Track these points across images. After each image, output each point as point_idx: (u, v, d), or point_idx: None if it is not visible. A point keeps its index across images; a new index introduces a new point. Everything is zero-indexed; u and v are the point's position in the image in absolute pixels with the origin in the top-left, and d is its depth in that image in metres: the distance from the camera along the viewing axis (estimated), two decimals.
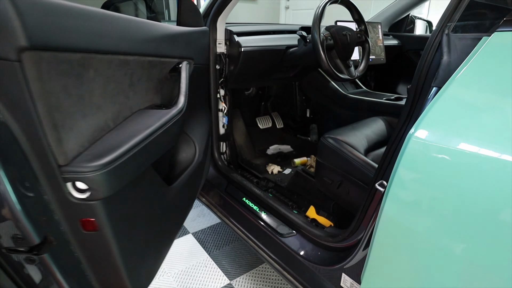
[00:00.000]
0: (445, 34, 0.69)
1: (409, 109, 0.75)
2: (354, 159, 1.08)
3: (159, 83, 0.91)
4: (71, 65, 0.59)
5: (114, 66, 0.71)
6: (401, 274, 0.71)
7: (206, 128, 1.28)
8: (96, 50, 0.65)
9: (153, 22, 0.86)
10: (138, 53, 0.78)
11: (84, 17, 0.61)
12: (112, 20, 0.69)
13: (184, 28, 1.03)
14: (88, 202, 0.65)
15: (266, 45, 1.44)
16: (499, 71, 0.59)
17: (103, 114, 0.70)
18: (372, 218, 0.82)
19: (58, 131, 0.59)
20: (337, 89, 1.87)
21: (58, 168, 0.61)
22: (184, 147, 1.15)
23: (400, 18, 2.37)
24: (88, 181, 0.62)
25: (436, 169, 0.59)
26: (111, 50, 0.69)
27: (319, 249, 1.11)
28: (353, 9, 1.35)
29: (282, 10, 5.09)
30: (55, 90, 0.57)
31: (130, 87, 0.78)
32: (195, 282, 1.44)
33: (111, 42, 0.69)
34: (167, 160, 1.08)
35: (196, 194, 1.28)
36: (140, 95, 0.83)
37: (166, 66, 0.93)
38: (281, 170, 1.73)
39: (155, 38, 0.84)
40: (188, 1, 1.09)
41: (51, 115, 0.57)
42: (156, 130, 0.76)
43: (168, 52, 0.92)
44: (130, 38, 0.75)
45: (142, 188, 0.82)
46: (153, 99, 0.90)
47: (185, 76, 0.94)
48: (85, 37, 0.61)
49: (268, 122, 2.13)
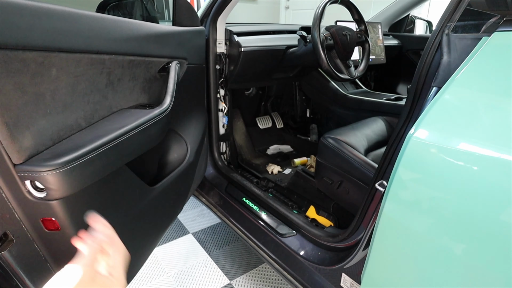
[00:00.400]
0: (445, 34, 0.69)
1: (409, 109, 0.75)
2: (354, 159, 1.08)
3: (146, 82, 0.90)
4: (25, 63, 0.58)
5: (84, 65, 0.69)
6: (401, 274, 0.71)
7: (200, 128, 1.27)
8: (59, 48, 0.63)
9: (136, 21, 0.85)
10: (114, 52, 0.77)
11: (41, 16, 0.60)
12: (80, 18, 0.68)
13: (176, 27, 1.02)
14: (47, 201, 0.64)
15: (266, 45, 1.44)
16: (499, 71, 0.59)
17: (72, 113, 0.69)
18: (372, 218, 0.82)
19: (10, 129, 0.57)
20: (337, 89, 1.87)
21: (13, 166, 0.60)
22: (176, 147, 1.14)
23: (400, 18, 2.37)
24: (44, 180, 0.61)
25: (436, 169, 0.59)
26: (79, 49, 0.68)
27: (319, 249, 1.11)
28: (353, 9, 1.35)
29: (282, 10, 5.09)
30: (5, 88, 0.56)
31: (107, 86, 0.77)
32: (195, 282, 1.44)
33: (78, 41, 0.67)
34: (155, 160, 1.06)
35: (187, 196, 1.26)
36: (121, 94, 0.82)
37: (154, 66, 0.92)
38: (281, 170, 1.73)
39: (138, 37, 0.83)
40: (183, 1, 1.09)
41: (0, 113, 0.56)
42: (131, 130, 0.75)
43: (154, 51, 0.91)
44: (104, 36, 0.74)
45: (115, 188, 0.81)
46: (139, 99, 0.89)
47: (173, 76, 0.94)
48: (42, 35, 0.60)
49: (268, 122, 2.12)
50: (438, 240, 0.60)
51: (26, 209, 0.66)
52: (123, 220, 0.86)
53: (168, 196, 1.08)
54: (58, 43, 0.63)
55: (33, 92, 0.61)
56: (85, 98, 0.72)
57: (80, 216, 0.71)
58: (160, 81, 0.96)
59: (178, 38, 1.02)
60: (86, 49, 0.69)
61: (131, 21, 0.84)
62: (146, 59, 0.88)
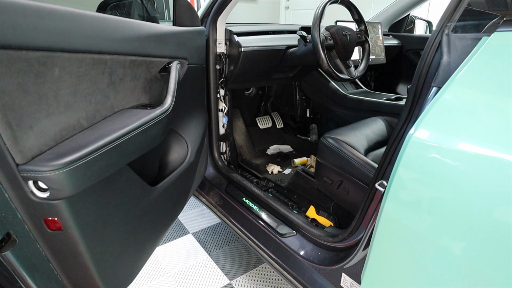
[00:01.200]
0: (445, 34, 0.69)
1: (409, 109, 0.75)
2: (354, 159, 1.08)
3: (147, 82, 0.90)
4: (29, 64, 0.58)
5: (86, 65, 0.70)
6: (401, 274, 0.71)
7: (201, 128, 1.27)
8: (62, 48, 0.64)
9: (137, 21, 0.85)
10: (116, 52, 0.77)
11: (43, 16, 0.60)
12: (82, 18, 0.68)
13: (176, 28, 1.02)
14: (50, 201, 0.64)
15: (266, 45, 1.44)
16: (499, 71, 0.59)
17: (74, 113, 0.69)
18: (372, 218, 0.82)
19: (12, 129, 0.58)
20: (337, 89, 1.87)
21: (16, 166, 0.60)
22: (176, 147, 1.14)
23: (400, 18, 2.38)
24: (47, 180, 0.61)
25: (436, 169, 0.59)
26: (81, 49, 0.68)
27: (319, 249, 1.11)
28: (353, 9, 1.35)
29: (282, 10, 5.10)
30: (8, 88, 0.56)
31: (109, 86, 0.77)
32: (195, 282, 1.44)
33: (81, 41, 0.67)
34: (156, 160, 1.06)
35: (187, 195, 1.26)
36: (123, 94, 0.82)
37: (154, 66, 0.92)
38: (281, 170, 1.73)
39: (139, 37, 0.84)
40: (184, 1, 1.09)
41: (3, 113, 0.56)
42: (133, 130, 0.75)
43: (155, 51, 0.91)
44: (106, 36, 0.74)
45: (117, 188, 0.81)
46: (140, 99, 0.89)
47: (174, 76, 0.94)
48: (45, 35, 0.60)
49: (268, 122, 2.13)
50: (438, 240, 0.60)
51: (29, 209, 0.66)
52: (125, 220, 0.87)
53: (169, 196, 1.08)
54: (61, 43, 0.63)
55: (36, 92, 0.61)
56: (87, 98, 0.72)
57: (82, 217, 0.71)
58: (161, 81, 0.96)
59: (179, 38, 1.02)
60: (88, 49, 0.69)
61: (133, 21, 0.84)
62: (147, 59, 0.89)
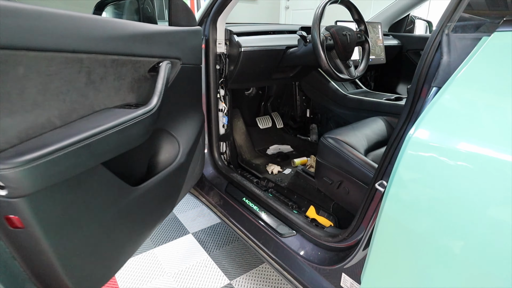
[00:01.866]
0: (445, 34, 0.69)
1: (409, 109, 0.75)
2: (354, 159, 1.08)
3: (135, 82, 0.90)
4: None
5: (58, 64, 0.69)
6: (401, 274, 0.71)
7: (196, 128, 1.26)
8: (26, 47, 0.63)
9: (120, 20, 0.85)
10: (93, 51, 0.76)
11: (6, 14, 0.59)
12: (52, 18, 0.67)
13: (167, 27, 1.01)
14: (9, 199, 0.63)
15: (266, 45, 1.44)
16: (499, 71, 0.59)
17: (43, 111, 0.69)
18: (372, 218, 0.82)
19: None
20: (337, 89, 1.87)
21: None
22: (168, 147, 1.13)
23: (400, 18, 2.38)
24: (4, 178, 0.60)
25: (436, 169, 0.59)
26: (50, 48, 0.67)
27: (319, 249, 1.11)
28: (353, 9, 1.35)
29: (282, 10, 5.10)
30: None
31: (88, 85, 0.77)
32: (195, 282, 1.44)
33: (49, 40, 0.67)
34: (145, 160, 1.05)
35: (177, 197, 1.25)
36: (105, 93, 0.82)
37: (142, 66, 0.91)
38: (281, 170, 1.73)
39: (122, 36, 0.83)
40: (179, 1, 1.09)
41: None
42: (108, 129, 0.74)
43: (142, 51, 0.90)
44: (81, 35, 0.73)
45: (89, 187, 0.80)
46: (126, 98, 0.88)
47: (162, 76, 0.93)
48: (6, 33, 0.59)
49: (268, 122, 2.13)
50: (438, 240, 0.60)
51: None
52: (98, 220, 0.85)
53: (154, 196, 1.06)
54: (26, 42, 0.63)
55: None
56: (60, 97, 0.71)
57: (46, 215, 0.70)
58: (151, 80, 0.95)
59: (170, 38, 1.01)
60: (59, 48, 0.69)
61: (115, 20, 0.83)
62: (133, 59, 0.87)
